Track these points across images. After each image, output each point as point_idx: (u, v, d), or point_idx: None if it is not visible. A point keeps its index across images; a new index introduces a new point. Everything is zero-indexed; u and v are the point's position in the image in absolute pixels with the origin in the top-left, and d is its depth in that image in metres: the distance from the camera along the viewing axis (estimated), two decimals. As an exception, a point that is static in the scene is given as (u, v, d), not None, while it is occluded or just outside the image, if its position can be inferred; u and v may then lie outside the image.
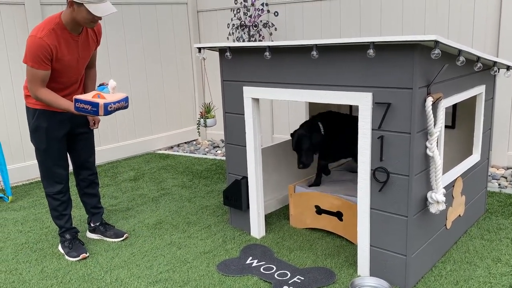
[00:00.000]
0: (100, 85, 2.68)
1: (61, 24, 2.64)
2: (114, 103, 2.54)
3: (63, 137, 2.91)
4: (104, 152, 5.15)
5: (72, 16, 2.61)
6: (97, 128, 3.11)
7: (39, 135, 2.84)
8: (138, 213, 3.70)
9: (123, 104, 2.62)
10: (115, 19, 5.10)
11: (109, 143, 5.22)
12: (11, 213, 3.82)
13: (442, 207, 2.41)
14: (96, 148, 5.03)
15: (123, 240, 3.20)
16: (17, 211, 3.87)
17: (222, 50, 2.99)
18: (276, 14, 4.81)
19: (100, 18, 2.63)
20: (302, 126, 3.18)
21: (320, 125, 3.14)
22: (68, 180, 3.01)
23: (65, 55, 2.69)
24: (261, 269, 2.71)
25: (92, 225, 3.26)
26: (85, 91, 3.04)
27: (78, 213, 3.65)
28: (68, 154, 3.04)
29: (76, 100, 2.53)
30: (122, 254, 3.00)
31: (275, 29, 4.95)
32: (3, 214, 3.80)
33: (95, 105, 2.48)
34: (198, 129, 3.96)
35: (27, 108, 2.86)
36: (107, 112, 2.51)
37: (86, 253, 2.98)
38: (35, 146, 2.90)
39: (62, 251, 3.04)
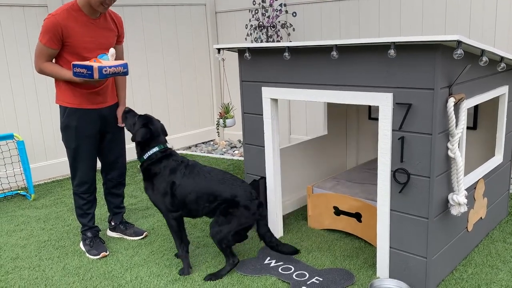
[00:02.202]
0: (101, 54, 2.75)
1: (75, 5, 2.74)
2: (110, 67, 2.60)
3: (92, 136, 2.94)
4: (123, 151, 5.23)
5: None
6: (124, 125, 3.12)
7: (68, 133, 2.89)
8: (157, 212, 3.73)
9: (121, 69, 2.66)
10: (135, 20, 5.17)
11: (128, 143, 5.28)
12: (34, 211, 3.90)
13: (463, 209, 2.38)
14: (116, 148, 5.13)
15: (142, 238, 3.24)
16: (39, 209, 3.95)
17: (241, 51, 3.00)
18: (294, 14, 4.80)
19: (110, 2, 2.70)
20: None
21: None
22: (95, 180, 3.05)
23: (81, 35, 2.74)
24: (279, 270, 2.71)
25: (112, 223, 3.31)
26: (118, 91, 3.08)
27: (99, 212, 3.71)
28: (97, 153, 3.08)
29: (74, 65, 2.62)
30: (142, 252, 3.04)
31: (293, 29, 4.95)
32: (26, 212, 3.89)
33: (90, 68, 2.55)
34: (218, 129, 3.98)
35: (59, 106, 2.92)
36: (102, 75, 2.57)
37: (107, 252, 3.03)
38: (65, 145, 2.95)
39: (83, 248, 3.10)
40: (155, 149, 2.78)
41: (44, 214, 3.81)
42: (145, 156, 2.77)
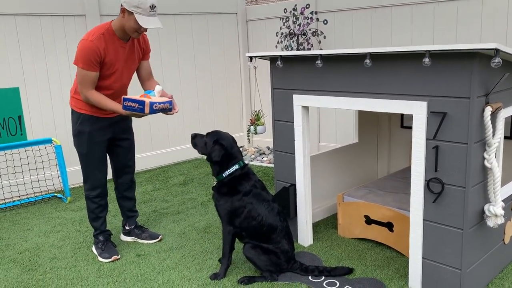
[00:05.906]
0: (148, 90, 2.85)
1: (110, 30, 2.82)
2: (160, 103, 2.71)
3: (104, 142, 3.04)
4: (155, 157, 5.34)
5: (122, 23, 2.79)
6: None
7: (81, 139, 3.00)
8: (188, 216, 3.80)
9: (167, 106, 2.77)
10: (168, 29, 5.29)
11: (160, 149, 5.40)
12: (70, 213, 4.03)
13: (500, 220, 2.32)
14: (148, 153, 5.25)
15: (158, 241, 3.32)
16: (74, 211, 4.08)
17: (273, 59, 3.03)
18: (325, 22, 4.80)
19: (145, 30, 2.78)
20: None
21: None
22: (107, 184, 3.12)
23: (112, 60, 2.84)
24: (310, 277, 2.71)
25: (127, 228, 3.39)
26: (149, 85, 3.06)
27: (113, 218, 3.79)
28: (108, 158, 3.18)
29: (125, 99, 2.71)
30: (173, 256, 3.10)
31: (324, 37, 4.95)
32: (62, 214, 4.02)
33: (142, 103, 2.64)
34: (248, 136, 4.01)
35: (72, 111, 3.00)
36: (153, 111, 2.67)
37: (118, 255, 3.09)
38: (77, 150, 3.06)
39: (95, 252, 3.17)
40: (235, 166, 2.73)
41: (79, 217, 3.93)
42: (225, 174, 2.72)
